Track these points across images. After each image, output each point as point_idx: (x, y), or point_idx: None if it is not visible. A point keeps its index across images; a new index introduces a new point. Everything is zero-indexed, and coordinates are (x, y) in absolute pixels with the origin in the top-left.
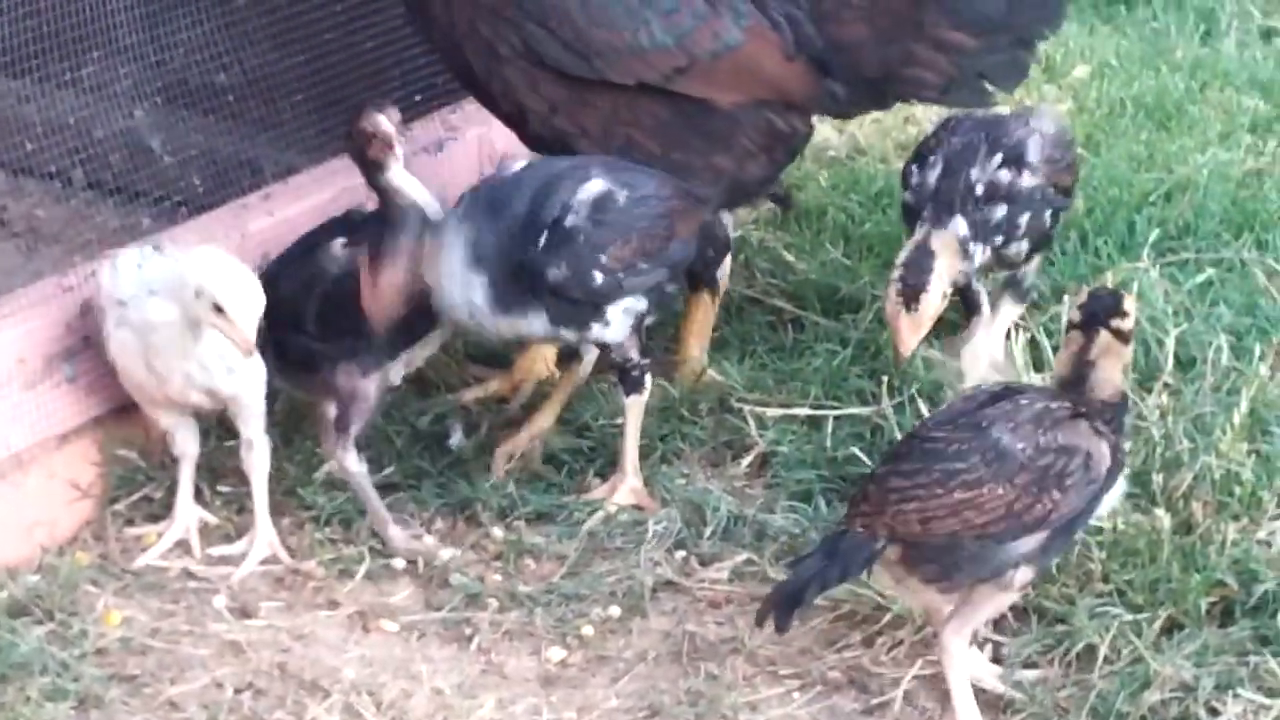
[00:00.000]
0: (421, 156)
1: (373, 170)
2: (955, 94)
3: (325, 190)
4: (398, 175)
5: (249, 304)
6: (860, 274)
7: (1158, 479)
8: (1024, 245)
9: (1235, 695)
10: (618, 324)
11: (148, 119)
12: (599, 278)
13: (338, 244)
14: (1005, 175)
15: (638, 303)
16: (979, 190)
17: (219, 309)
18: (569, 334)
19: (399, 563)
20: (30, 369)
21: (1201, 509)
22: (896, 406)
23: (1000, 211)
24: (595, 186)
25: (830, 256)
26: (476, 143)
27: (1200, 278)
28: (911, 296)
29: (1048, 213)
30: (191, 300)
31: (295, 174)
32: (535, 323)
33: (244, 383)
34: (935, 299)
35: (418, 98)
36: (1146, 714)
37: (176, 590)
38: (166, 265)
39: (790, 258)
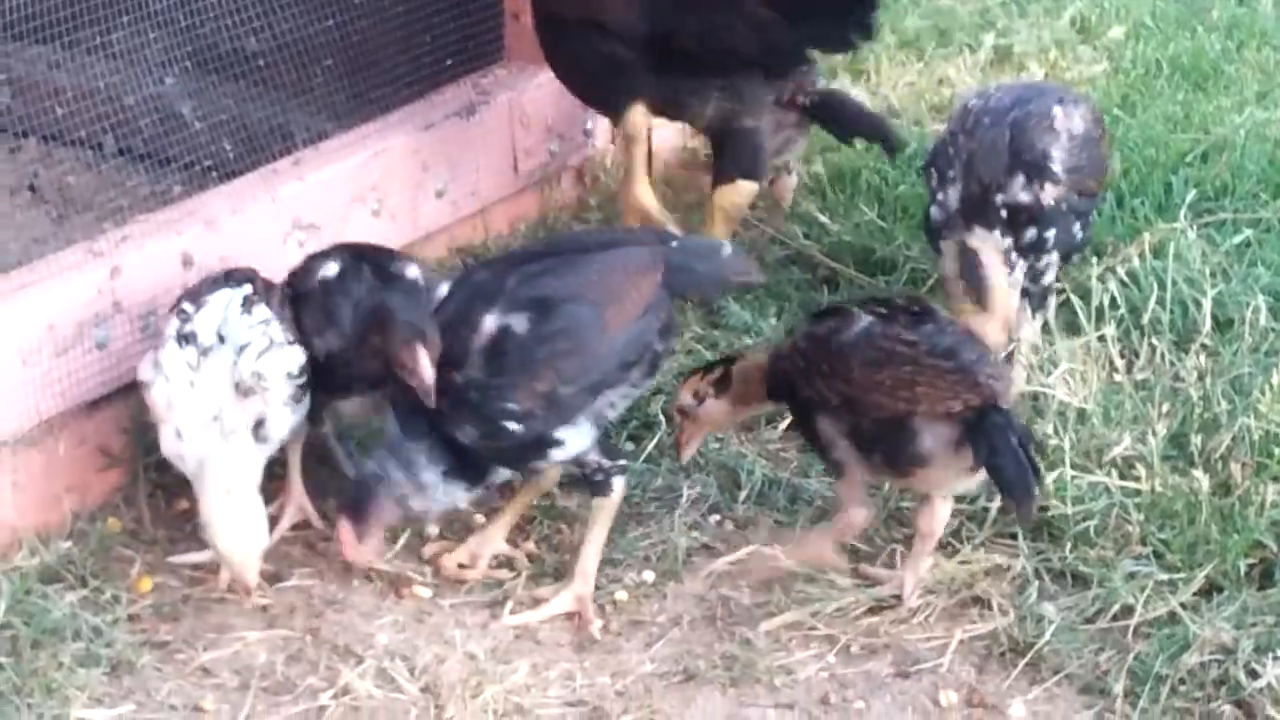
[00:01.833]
0: (453, 121)
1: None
2: (777, 62)
3: (356, 155)
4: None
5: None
6: (895, 236)
7: (1196, 440)
8: (1054, 257)
9: (1275, 657)
10: (576, 442)
11: (178, 85)
12: (512, 427)
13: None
14: (1026, 196)
15: (601, 414)
16: (1004, 214)
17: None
18: (535, 468)
19: (432, 529)
20: (61, 335)
21: (1240, 470)
22: None
23: (1029, 232)
24: (489, 326)
25: (864, 218)
26: (507, 106)
27: (1238, 238)
28: (980, 298)
29: (1076, 224)
30: None
31: (326, 139)
32: (502, 474)
33: None
34: (1002, 288)
35: (449, 61)
36: (1185, 676)
37: (208, 556)
38: None
39: (825, 219)
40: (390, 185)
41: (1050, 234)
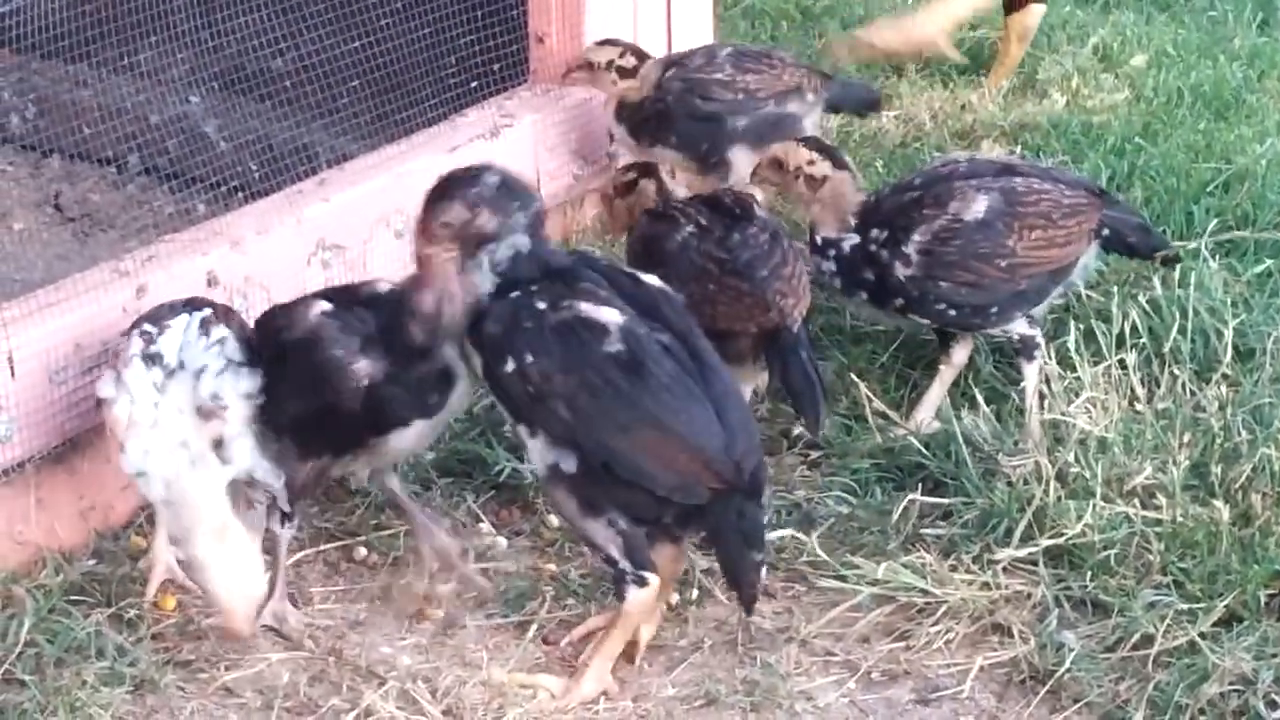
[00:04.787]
0: (477, 143)
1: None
2: None
3: (380, 176)
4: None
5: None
6: None
7: (1216, 470)
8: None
9: None
10: (536, 455)
11: (203, 104)
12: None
13: (319, 306)
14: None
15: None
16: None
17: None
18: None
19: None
20: (86, 354)
21: (1260, 500)
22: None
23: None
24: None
25: None
26: (531, 129)
27: (1259, 268)
28: None
29: (941, 304)
30: None
31: (350, 160)
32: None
33: None
34: None
35: (474, 84)
36: (1205, 706)
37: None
38: None
39: None
40: (414, 207)
41: (900, 302)
